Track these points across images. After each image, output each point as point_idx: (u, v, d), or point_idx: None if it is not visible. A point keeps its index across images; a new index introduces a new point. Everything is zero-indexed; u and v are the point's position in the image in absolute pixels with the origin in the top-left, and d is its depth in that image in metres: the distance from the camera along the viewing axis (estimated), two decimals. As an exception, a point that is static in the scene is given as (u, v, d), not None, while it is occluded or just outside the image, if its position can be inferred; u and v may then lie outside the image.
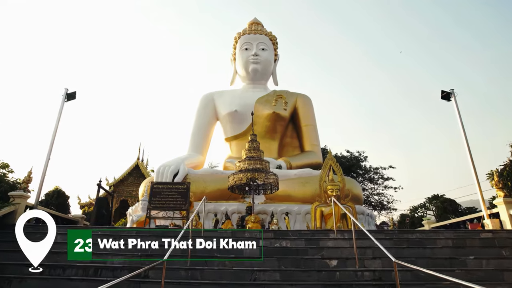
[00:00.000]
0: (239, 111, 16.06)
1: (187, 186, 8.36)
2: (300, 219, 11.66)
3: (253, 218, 10.11)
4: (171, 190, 8.49)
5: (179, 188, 8.56)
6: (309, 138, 16.45)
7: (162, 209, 8.28)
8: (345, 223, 10.88)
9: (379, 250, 4.87)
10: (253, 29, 18.21)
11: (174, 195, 8.41)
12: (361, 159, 25.22)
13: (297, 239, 7.35)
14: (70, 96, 9.94)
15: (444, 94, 10.61)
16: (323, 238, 7.57)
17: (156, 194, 8.48)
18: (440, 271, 3.55)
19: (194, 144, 16.19)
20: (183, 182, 8.45)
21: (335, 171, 11.58)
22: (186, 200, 8.13)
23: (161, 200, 8.39)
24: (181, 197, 8.35)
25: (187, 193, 8.34)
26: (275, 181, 10.63)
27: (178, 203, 8.36)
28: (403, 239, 7.62)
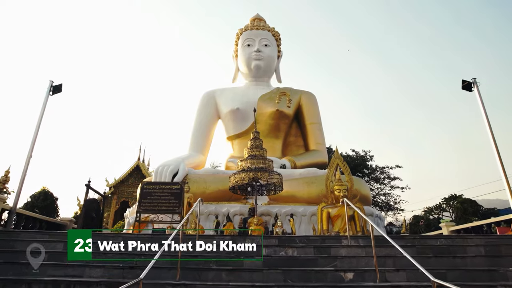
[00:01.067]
0: (241, 109, 15.52)
1: (181, 186, 7.71)
2: (306, 221, 11.09)
3: (256, 220, 9.56)
4: (163, 191, 7.83)
5: (173, 189, 7.89)
6: (314, 137, 15.87)
7: (153, 212, 7.65)
8: (353, 225, 10.31)
9: (402, 260, 4.25)
10: (256, 25, 17.69)
11: (167, 197, 7.75)
12: (367, 158, 24.60)
13: (305, 246, 6.53)
14: (55, 89, 9.39)
15: (465, 84, 9.88)
16: (335, 246, 6.72)
17: (147, 195, 7.82)
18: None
19: (195, 143, 15.66)
20: (177, 182, 7.80)
21: (342, 170, 11.00)
22: (180, 201, 7.50)
23: (152, 202, 7.72)
24: (175, 198, 7.69)
25: (181, 194, 7.68)
26: (279, 181, 10.08)
27: (171, 205, 7.68)
28: (427, 246, 6.66)
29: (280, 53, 18.11)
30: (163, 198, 7.70)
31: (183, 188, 7.66)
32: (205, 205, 11.40)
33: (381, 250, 5.97)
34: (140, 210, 7.57)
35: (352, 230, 10.06)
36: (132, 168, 23.43)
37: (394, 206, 24.06)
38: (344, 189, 10.43)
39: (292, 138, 16.67)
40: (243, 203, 11.56)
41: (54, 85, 9.28)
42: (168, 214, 7.69)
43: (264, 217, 11.03)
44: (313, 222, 10.92)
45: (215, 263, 5.47)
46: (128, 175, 23.27)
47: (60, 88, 9.30)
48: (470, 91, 9.94)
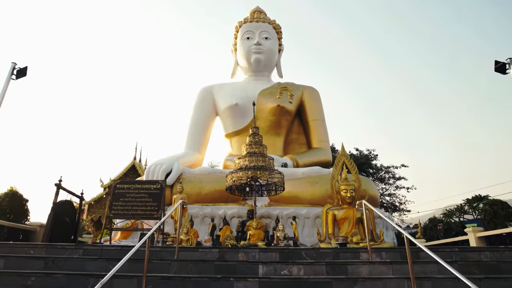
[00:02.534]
0: (240, 105, 14.66)
1: (161, 185, 6.73)
2: (309, 224, 10.24)
3: (255, 223, 8.71)
4: (139, 192, 6.79)
5: (151, 188, 6.84)
6: (317, 134, 15.00)
7: (126, 217, 6.69)
8: (361, 229, 9.45)
9: (441, 281, 3.27)
10: (256, 17, 16.83)
11: (144, 198, 6.73)
12: (371, 157, 23.73)
13: (315, 263, 5.22)
14: (20, 72, 8.44)
15: (498, 65, 8.85)
16: (353, 262, 5.34)
17: (119, 197, 6.77)
18: None
19: (191, 141, 14.82)
20: (156, 181, 6.77)
21: (349, 169, 10.14)
22: (160, 204, 6.52)
23: (126, 205, 6.69)
24: (153, 200, 6.70)
25: (161, 195, 6.68)
26: (281, 180, 9.22)
27: (148, 209, 6.68)
28: (470, 262, 5.12)
29: (281, 47, 17.25)
30: (139, 201, 6.64)
31: (164, 187, 6.66)
32: (201, 206, 10.58)
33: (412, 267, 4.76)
34: (110, 215, 6.53)
35: (361, 234, 9.21)
36: (127, 168, 22.67)
37: (400, 207, 23.21)
38: (352, 189, 9.58)
39: (294, 136, 15.81)
40: (242, 204, 10.72)
41: (18, 68, 8.26)
42: (144, 220, 6.68)
43: (264, 219, 10.19)
44: (318, 225, 10.07)
45: (194, 286, 4.23)
46: (124, 175, 22.49)
47: (25, 72, 8.34)
48: (504, 74, 8.88)
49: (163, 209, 6.24)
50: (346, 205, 9.57)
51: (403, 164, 23.27)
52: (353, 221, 9.25)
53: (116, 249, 5.59)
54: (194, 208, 10.45)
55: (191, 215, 9.83)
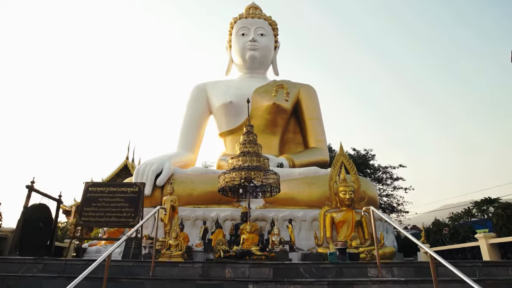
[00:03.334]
0: (234, 103, 14.18)
1: (139, 188, 6.14)
2: (306, 227, 9.77)
3: (249, 227, 8.23)
4: (114, 195, 6.16)
5: (128, 192, 6.22)
6: (314, 133, 14.56)
7: (97, 224, 6.09)
8: (361, 232, 9.01)
9: None
10: (251, 13, 16.34)
11: (119, 203, 6.11)
12: (369, 157, 23.34)
13: (315, 282, 4.48)
14: None
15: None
16: (360, 281, 4.60)
17: (91, 202, 6.07)
18: None
19: (184, 140, 14.31)
20: (134, 183, 6.17)
21: (348, 169, 9.69)
22: (137, 210, 5.94)
23: (98, 211, 6.04)
24: (130, 205, 6.09)
25: (138, 199, 6.09)
26: (276, 181, 8.75)
27: (123, 215, 6.03)
28: (499, 281, 4.51)
29: (277, 44, 16.79)
30: (113, 206, 6.00)
31: (142, 191, 6.06)
32: (192, 208, 10.09)
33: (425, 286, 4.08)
34: (80, 222, 5.81)
35: (360, 238, 8.77)
36: (120, 168, 22.03)
37: (397, 208, 22.83)
38: (351, 190, 9.12)
39: (290, 135, 15.36)
40: (235, 206, 10.24)
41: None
42: (119, 227, 6.06)
43: (259, 222, 9.72)
44: (315, 228, 9.61)
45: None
46: (116, 175, 21.85)
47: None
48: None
49: (141, 215, 5.56)
50: (344, 207, 9.11)
51: (401, 165, 22.95)
52: (352, 224, 8.79)
53: (83, 264, 4.92)
54: (185, 210, 9.96)
55: (181, 218, 9.33)
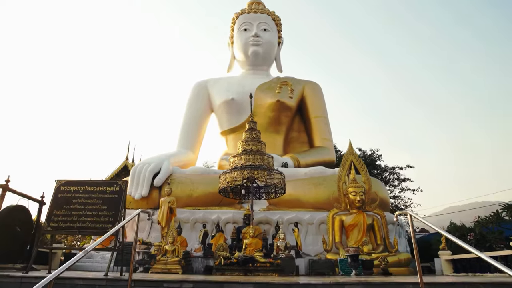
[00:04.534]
0: (236, 100, 13.58)
1: (120, 188, 5.37)
2: (313, 230, 9.13)
3: (252, 231, 7.61)
4: (90, 196, 5.35)
5: (106, 192, 5.38)
6: (319, 132, 13.91)
7: (69, 231, 5.24)
8: (373, 237, 8.37)
9: None
10: (254, 8, 15.74)
11: (96, 206, 5.30)
12: (375, 157, 22.62)
13: None
14: None
15: None
16: None
17: (63, 204, 5.17)
18: None
19: (184, 139, 13.72)
20: (114, 182, 5.41)
21: (358, 169, 9.08)
22: (117, 214, 5.18)
23: (71, 214, 5.20)
24: (109, 208, 5.28)
25: (120, 200, 5.29)
26: (281, 181, 8.13)
27: (100, 220, 5.20)
28: None
29: (280, 40, 16.17)
30: (88, 209, 5.21)
31: (124, 190, 5.29)
32: (192, 211, 9.48)
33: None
34: (48, 229, 4.91)
35: (372, 244, 8.13)
36: (119, 168, 21.46)
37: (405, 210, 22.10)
38: (361, 191, 8.51)
39: (295, 134, 14.72)
40: (237, 208, 9.63)
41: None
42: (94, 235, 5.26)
43: (263, 225, 9.09)
44: (323, 232, 8.97)
45: None
46: (115, 176, 21.29)
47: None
48: None
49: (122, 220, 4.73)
50: (355, 209, 8.50)
51: (408, 165, 22.20)
52: (364, 228, 8.17)
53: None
54: (184, 212, 9.36)
55: (179, 221, 8.73)
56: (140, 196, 9.54)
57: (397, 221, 7.91)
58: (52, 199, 5.02)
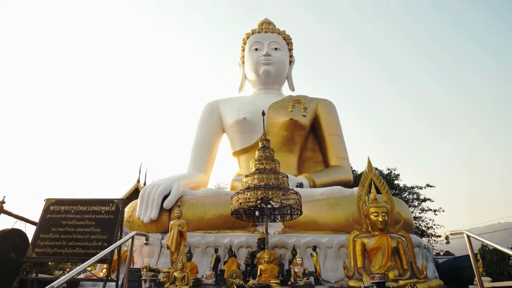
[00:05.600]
0: (248, 119, 13.31)
1: (117, 207, 4.90)
2: (332, 254, 8.50)
3: (267, 256, 7.08)
4: (82, 216, 4.83)
5: (101, 212, 4.89)
6: (335, 151, 13.44)
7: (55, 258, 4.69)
8: (398, 261, 7.70)
9: None
10: (264, 28, 15.76)
11: (89, 227, 4.80)
12: (393, 177, 21.86)
13: None
14: None
15: None
16: None
17: (51, 226, 4.65)
18: None
19: (195, 160, 13.42)
20: (110, 200, 4.94)
21: (378, 188, 8.51)
22: (112, 237, 4.69)
23: (59, 238, 4.71)
24: (102, 231, 4.77)
25: (115, 221, 4.78)
26: (297, 202, 7.65)
27: (92, 245, 4.67)
28: None
29: (292, 59, 16.06)
30: (80, 232, 4.70)
31: (122, 210, 4.85)
32: (203, 234, 9.00)
33: None
34: (33, 255, 4.30)
35: (399, 269, 7.46)
36: (130, 191, 21.30)
37: (427, 232, 21.04)
38: (383, 212, 7.90)
39: (309, 153, 14.29)
40: (251, 231, 9.10)
41: None
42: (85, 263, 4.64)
43: (278, 250, 8.52)
44: (342, 256, 8.35)
45: None
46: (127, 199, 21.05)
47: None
48: None
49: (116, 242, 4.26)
50: (377, 231, 7.88)
51: (428, 184, 21.36)
52: (388, 252, 7.52)
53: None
54: (195, 236, 8.89)
55: (189, 245, 8.26)
56: (149, 219, 9.13)
57: (447, 243, 7.23)
58: (40, 220, 4.57)
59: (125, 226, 8.73)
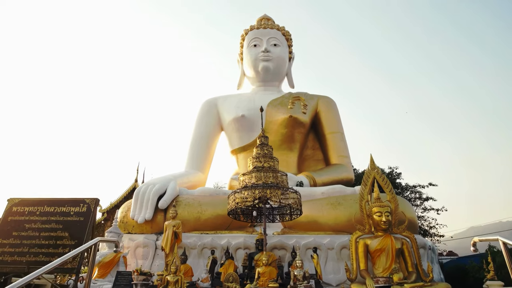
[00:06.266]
0: (247, 116, 12.97)
1: (88, 208, 4.44)
2: (334, 256, 8.19)
3: (265, 258, 6.75)
4: (49, 218, 4.27)
5: (70, 213, 4.36)
6: (336, 149, 13.10)
7: (16, 268, 4.08)
8: (403, 263, 7.36)
9: None
10: (263, 24, 15.41)
11: (55, 231, 4.29)
12: (395, 176, 21.51)
13: None
14: None
15: None
16: None
17: (12, 229, 4.02)
18: None
19: (193, 158, 13.09)
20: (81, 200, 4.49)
21: (382, 186, 8.18)
22: (81, 242, 4.20)
23: (21, 243, 4.21)
24: (71, 236, 4.25)
25: (86, 223, 4.30)
26: (297, 201, 7.32)
27: (58, 252, 4.14)
28: None
29: (291, 55, 15.70)
30: (45, 236, 4.22)
31: (93, 211, 4.39)
32: (199, 235, 8.69)
33: None
34: None
35: (404, 272, 7.12)
36: (128, 191, 21.00)
37: (430, 232, 20.69)
38: (387, 211, 7.56)
39: (309, 151, 13.96)
40: (249, 232, 8.79)
41: None
42: (48, 274, 4.11)
43: (277, 251, 8.21)
44: (344, 258, 8.03)
45: None
46: (124, 199, 20.81)
47: None
48: None
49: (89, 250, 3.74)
50: (380, 232, 7.54)
51: (430, 183, 20.99)
52: (393, 254, 7.18)
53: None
54: (191, 237, 8.58)
55: (184, 247, 7.94)
56: (144, 220, 8.81)
57: (475, 250, 6.88)
58: (1, 223, 4.14)
59: (118, 228, 8.42)
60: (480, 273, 7.30)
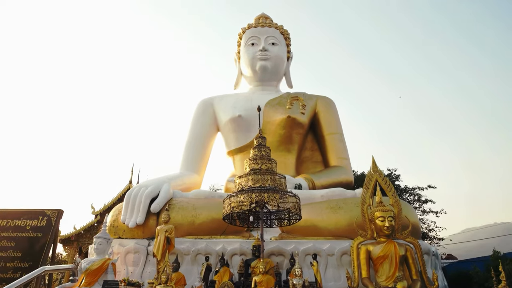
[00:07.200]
0: (244, 117, 12.61)
1: (48, 220, 4.05)
2: (334, 263, 7.82)
3: (262, 266, 6.37)
4: (6, 230, 3.80)
5: (26, 227, 3.86)
6: (335, 150, 12.77)
7: None
8: (407, 271, 7.01)
9: None
10: (261, 22, 15.08)
11: (6, 250, 3.82)
12: (394, 178, 21.19)
13: None
14: None
15: None
16: None
17: None
18: None
19: (188, 160, 12.70)
20: (41, 211, 4.17)
21: (384, 190, 7.84)
22: (36, 264, 3.85)
23: None
24: (24, 255, 3.83)
25: (44, 242, 3.89)
26: (296, 205, 6.96)
27: (8, 277, 3.76)
28: None
29: (290, 54, 15.36)
30: (3, 250, 3.75)
31: (55, 225, 4.03)
32: (193, 240, 8.30)
33: None
34: None
35: (408, 280, 6.77)
36: (122, 192, 20.49)
37: (429, 235, 20.39)
38: (390, 216, 7.22)
39: (308, 153, 13.61)
40: (245, 237, 8.41)
41: None
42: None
43: (275, 258, 7.83)
44: (345, 264, 7.67)
45: None
46: (118, 201, 20.30)
47: None
48: None
49: (44, 262, 3.19)
50: (383, 237, 7.20)
51: (430, 185, 20.71)
52: (396, 261, 6.83)
53: None
54: (185, 242, 8.18)
55: (176, 254, 7.55)
56: (135, 224, 8.42)
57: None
58: None
59: (108, 233, 8.01)
60: (488, 281, 6.95)
